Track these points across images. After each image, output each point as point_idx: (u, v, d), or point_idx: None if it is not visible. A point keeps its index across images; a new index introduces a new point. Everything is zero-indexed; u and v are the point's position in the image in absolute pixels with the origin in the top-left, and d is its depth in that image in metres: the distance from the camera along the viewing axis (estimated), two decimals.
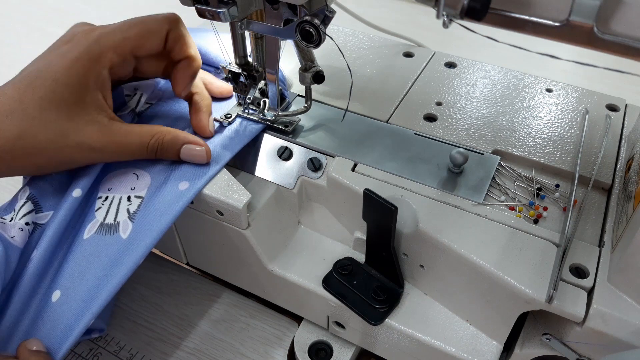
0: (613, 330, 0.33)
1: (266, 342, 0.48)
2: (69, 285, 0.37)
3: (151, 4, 0.94)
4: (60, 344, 0.35)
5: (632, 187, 0.37)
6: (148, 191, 0.41)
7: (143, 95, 0.46)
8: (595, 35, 0.27)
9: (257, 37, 0.44)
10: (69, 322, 0.36)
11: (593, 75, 0.73)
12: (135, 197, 0.41)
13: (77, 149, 0.38)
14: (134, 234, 0.38)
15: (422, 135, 0.45)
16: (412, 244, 0.40)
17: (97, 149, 0.39)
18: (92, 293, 0.36)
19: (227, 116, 0.46)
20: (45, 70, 0.38)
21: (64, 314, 0.36)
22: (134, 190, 0.41)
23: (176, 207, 0.39)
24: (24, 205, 0.40)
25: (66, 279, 0.37)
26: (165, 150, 0.41)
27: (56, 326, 0.36)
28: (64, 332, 0.36)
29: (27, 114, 0.36)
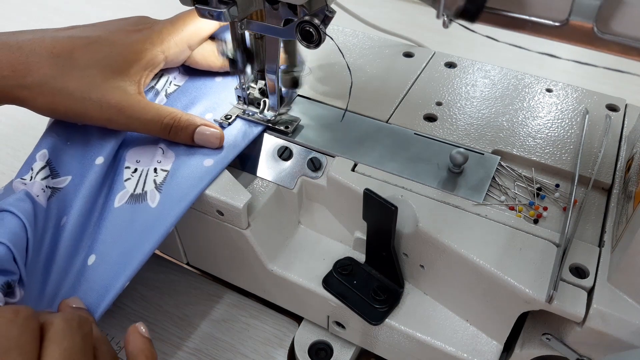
0: (613, 330, 0.33)
1: (266, 342, 0.48)
2: (104, 251, 0.39)
3: (151, 4, 0.94)
4: (98, 304, 0.37)
5: (632, 187, 0.37)
6: (173, 165, 0.43)
7: (170, 77, 0.49)
8: (595, 35, 0.27)
9: (257, 37, 0.44)
10: (105, 284, 0.38)
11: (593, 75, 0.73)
12: (162, 170, 0.43)
13: (97, 105, 0.41)
14: (161, 204, 0.40)
15: (422, 135, 0.45)
16: (412, 244, 0.40)
17: (114, 111, 0.41)
18: (125, 258, 0.38)
19: (227, 117, 0.46)
20: (106, 38, 0.43)
21: (100, 277, 0.38)
22: (160, 163, 0.43)
23: (202, 183, 0.41)
24: (41, 170, 0.41)
25: (100, 244, 0.39)
26: (181, 129, 0.42)
27: (93, 288, 0.38)
28: (100, 293, 0.37)
29: (73, 64, 0.40)
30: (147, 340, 0.34)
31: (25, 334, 0.28)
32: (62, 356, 0.28)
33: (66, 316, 0.30)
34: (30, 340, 0.28)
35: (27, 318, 0.29)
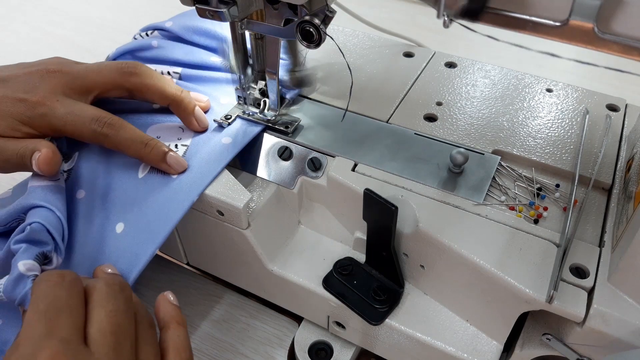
0: (613, 330, 0.33)
1: (266, 342, 0.48)
2: (131, 219, 0.40)
3: (151, 4, 0.94)
4: (130, 270, 0.38)
5: (632, 187, 0.37)
6: (192, 141, 0.44)
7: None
8: (596, 35, 0.27)
9: (257, 37, 0.44)
10: (135, 251, 0.38)
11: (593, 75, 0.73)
12: (182, 145, 0.44)
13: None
14: (184, 175, 0.42)
15: (422, 135, 0.45)
16: (412, 244, 0.40)
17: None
18: (153, 226, 0.39)
19: (227, 117, 0.46)
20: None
21: (129, 244, 0.39)
22: (180, 140, 0.44)
23: (224, 158, 0.43)
24: None
25: (127, 213, 0.40)
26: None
27: (124, 255, 0.39)
28: (131, 260, 0.38)
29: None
30: (177, 307, 0.35)
31: (72, 296, 0.29)
32: (108, 317, 0.29)
33: (108, 281, 0.32)
34: (77, 302, 0.30)
35: (72, 281, 0.30)
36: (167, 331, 0.33)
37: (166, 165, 0.41)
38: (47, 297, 0.29)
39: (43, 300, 0.29)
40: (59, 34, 0.88)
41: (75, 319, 0.29)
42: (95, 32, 0.89)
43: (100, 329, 0.29)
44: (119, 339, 0.29)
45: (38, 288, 0.30)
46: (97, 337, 0.29)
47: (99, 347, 0.28)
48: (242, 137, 0.45)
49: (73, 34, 0.88)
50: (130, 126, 0.41)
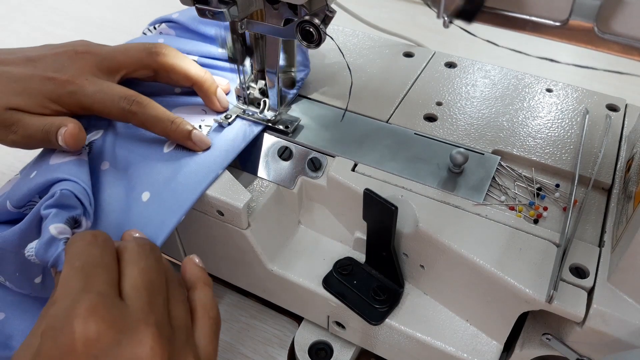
0: (613, 330, 0.33)
1: (266, 342, 0.48)
2: (157, 189, 0.41)
3: (151, 4, 0.94)
4: (156, 237, 0.39)
5: (632, 187, 0.37)
6: (214, 123, 0.46)
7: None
8: (595, 35, 0.27)
9: (257, 37, 0.44)
10: (161, 218, 0.40)
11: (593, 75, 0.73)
12: (205, 126, 0.46)
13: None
14: (209, 151, 0.44)
15: (422, 135, 0.45)
16: (412, 244, 0.40)
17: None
18: (178, 195, 0.41)
19: (227, 117, 0.46)
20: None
21: (155, 212, 0.40)
22: (203, 121, 0.46)
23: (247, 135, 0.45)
24: None
25: (153, 184, 0.42)
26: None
27: (150, 222, 0.40)
28: (157, 226, 0.39)
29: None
30: (203, 269, 0.36)
31: (106, 254, 0.31)
32: (141, 275, 0.30)
33: (138, 241, 0.33)
34: (111, 260, 0.31)
35: (105, 240, 0.32)
36: (194, 291, 0.34)
37: (191, 143, 0.42)
38: (82, 254, 0.30)
39: (79, 258, 0.30)
40: (59, 34, 0.88)
41: (110, 274, 0.30)
42: (95, 32, 0.89)
43: (134, 285, 0.30)
44: (152, 294, 0.30)
45: (73, 247, 0.31)
46: (131, 292, 0.29)
47: (134, 301, 0.29)
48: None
49: (73, 34, 0.88)
50: (157, 105, 0.42)
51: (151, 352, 0.27)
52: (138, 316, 0.28)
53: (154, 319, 0.28)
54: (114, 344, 0.27)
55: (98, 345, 0.26)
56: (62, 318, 0.27)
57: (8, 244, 0.39)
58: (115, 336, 0.27)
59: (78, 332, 0.26)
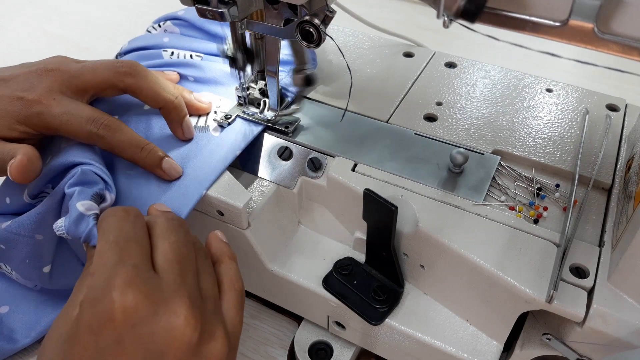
0: (613, 330, 0.33)
1: (266, 342, 0.48)
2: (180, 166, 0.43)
3: (151, 4, 0.94)
4: (180, 210, 0.40)
5: (632, 187, 0.37)
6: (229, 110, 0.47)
7: None
8: (596, 35, 0.27)
9: (257, 37, 0.44)
10: (184, 192, 0.41)
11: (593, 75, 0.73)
12: (221, 112, 0.47)
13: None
14: (225, 134, 0.45)
15: (422, 135, 0.45)
16: (412, 244, 0.40)
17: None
18: (200, 172, 0.42)
19: (227, 117, 0.46)
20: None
21: (178, 187, 0.42)
22: (218, 107, 0.48)
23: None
24: None
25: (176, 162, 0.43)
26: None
27: (173, 196, 0.41)
28: (180, 201, 0.41)
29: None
30: (227, 244, 0.37)
31: (138, 229, 0.32)
32: (172, 248, 0.32)
33: (167, 216, 0.34)
34: (143, 234, 0.32)
35: (137, 215, 0.33)
36: (220, 265, 0.35)
37: (161, 171, 0.42)
38: (115, 229, 0.31)
39: (112, 232, 0.31)
40: (59, 34, 0.88)
41: (143, 248, 0.31)
42: (95, 32, 0.89)
43: (166, 258, 0.31)
44: (183, 267, 0.31)
45: (106, 222, 0.32)
46: (164, 264, 0.30)
47: (166, 273, 0.30)
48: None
49: (73, 34, 0.88)
50: (127, 128, 0.41)
51: (185, 322, 0.28)
52: (171, 288, 0.29)
53: (186, 290, 0.30)
54: (150, 314, 0.28)
55: (136, 314, 0.28)
56: (100, 289, 0.28)
57: (22, 228, 0.40)
58: (152, 307, 0.28)
59: (117, 302, 0.27)
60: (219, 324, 0.31)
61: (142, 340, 0.28)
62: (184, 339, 0.28)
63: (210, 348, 0.30)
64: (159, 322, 0.28)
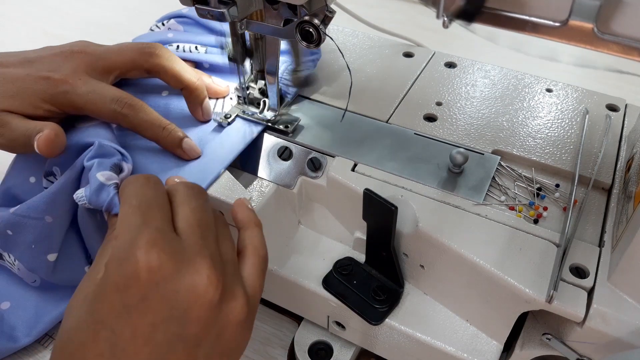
0: (613, 330, 0.33)
1: (266, 342, 0.48)
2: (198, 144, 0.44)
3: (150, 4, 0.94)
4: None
5: (632, 187, 0.37)
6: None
7: None
8: (595, 35, 0.27)
9: (257, 37, 0.44)
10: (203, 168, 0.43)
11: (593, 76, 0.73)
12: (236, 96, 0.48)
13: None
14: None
15: (422, 135, 0.45)
16: (412, 244, 0.40)
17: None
18: (218, 152, 0.44)
19: (227, 117, 0.46)
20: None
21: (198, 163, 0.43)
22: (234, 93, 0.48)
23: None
24: None
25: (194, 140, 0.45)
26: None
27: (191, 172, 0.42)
28: (199, 176, 0.42)
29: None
30: (253, 211, 0.38)
31: (159, 195, 0.33)
32: (193, 212, 0.32)
33: (186, 184, 0.35)
34: (164, 200, 0.33)
35: (157, 182, 0.34)
36: (245, 231, 0.36)
37: (181, 151, 0.43)
38: (138, 194, 0.32)
39: (135, 197, 0.32)
40: (59, 34, 0.88)
41: (165, 213, 0.32)
42: (96, 32, 0.89)
43: (187, 222, 0.32)
44: (204, 230, 0.32)
45: (128, 188, 0.33)
46: (186, 228, 0.31)
47: (188, 236, 0.31)
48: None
49: (73, 34, 0.88)
50: (149, 109, 0.43)
51: (207, 280, 0.29)
52: (193, 249, 0.30)
53: (208, 251, 0.31)
54: (173, 272, 0.29)
55: (160, 273, 0.28)
56: (125, 250, 0.29)
57: (33, 209, 0.41)
58: (175, 266, 0.29)
59: (141, 261, 0.28)
60: (239, 286, 0.32)
61: (166, 298, 0.29)
62: (207, 297, 0.29)
63: (230, 308, 0.30)
64: (182, 281, 0.29)
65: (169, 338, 0.29)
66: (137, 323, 0.28)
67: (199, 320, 0.29)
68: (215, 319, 0.30)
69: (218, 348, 0.31)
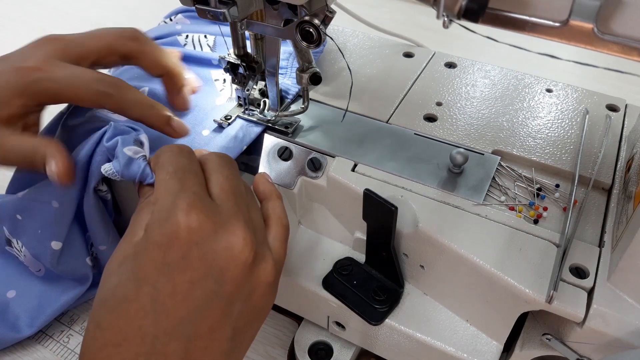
0: (613, 330, 0.33)
1: (266, 342, 0.48)
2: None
3: (150, 4, 0.94)
4: None
5: (632, 187, 0.37)
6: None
7: None
8: (595, 35, 0.27)
9: (257, 38, 0.44)
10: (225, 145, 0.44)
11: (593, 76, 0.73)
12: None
13: None
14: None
15: (422, 135, 0.45)
16: (412, 244, 0.40)
17: None
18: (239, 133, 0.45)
19: (227, 117, 0.46)
20: None
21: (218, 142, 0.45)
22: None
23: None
24: None
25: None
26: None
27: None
28: None
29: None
30: (273, 184, 0.39)
31: (193, 163, 0.34)
32: (226, 180, 0.34)
33: (218, 154, 0.36)
34: (198, 167, 0.34)
35: (190, 152, 0.35)
36: (268, 202, 0.37)
37: (170, 129, 0.42)
38: (173, 162, 0.33)
39: (171, 165, 0.33)
40: None
41: (200, 179, 0.33)
42: None
43: (222, 188, 0.33)
44: (237, 197, 0.33)
45: (163, 157, 0.34)
46: (220, 194, 0.33)
47: (223, 202, 0.32)
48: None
49: None
50: (134, 88, 0.41)
51: (243, 242, 0.31)
52: (229, 213, 0.32)
53: (242, 216, 0.32)
54: (211, 233, 0.30)
55: (199, 233, 0.30)
56: (166, 212, 0.30)
57: (40, 193, 0.42)
58: (213, 227, 0.30)
59: (182, 222, 0.30)
60: (268, 250, 0.33)
61: (205, 257, 0.30)
62: (242, 257, 0.31)
63: (261, 269, 0.32)
64: (219, 242, 0.30)
65: (206, 295, 0.30)
66: (177, 280, 0.29)
67: (234, 279, 0.30)
68: (248, 279, 0.31)
69: (249, 306, 0.32)
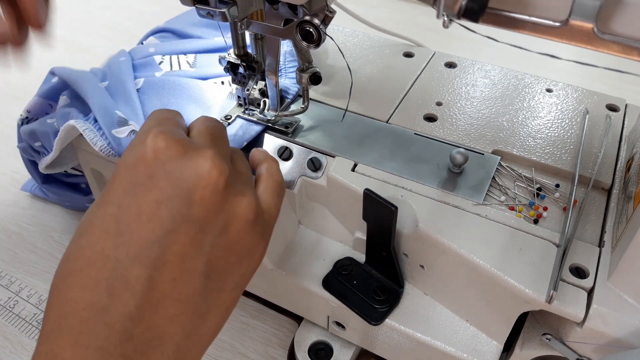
0: (613, 330, 0.33)
1: (266, 342, 0.48)
2: None
3: (151, 4, 0.94)
4: None
5: (632, 187, 0.37)
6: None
7: None
8: (595, 35, 0.27)
9: (257, 37, 0.44)
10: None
11: (593, 75, 0.73)
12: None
13: None
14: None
15: (422, 135, 0.45)
16: (412, 244, 0.40)
17: None
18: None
19: (227, 117, 0.46)
20: None
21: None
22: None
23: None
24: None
25: None
26: None
27: None
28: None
29: None
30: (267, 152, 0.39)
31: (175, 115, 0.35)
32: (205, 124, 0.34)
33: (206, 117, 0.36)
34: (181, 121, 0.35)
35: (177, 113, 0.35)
36: (261, 164, 0.37)
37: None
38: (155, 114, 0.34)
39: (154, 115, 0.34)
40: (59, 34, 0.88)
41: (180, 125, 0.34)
42: (95, 32, 0.90)
43: (199, 131, 0.34)
44: (214, 138, 0.33)
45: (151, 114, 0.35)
46: (197, 135, 0.33)
47: (198, 139, 0.33)
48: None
49: (73, 34, 0.88)
50: None
51: (212, 164, 0.30)
52: (201, 144, 0.32)
53: (215, 148, 0.32)
54: (179, 155, 0.30)
55: (166, 153, 0.30)
56: (138, 139, 0.31)
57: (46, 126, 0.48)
58: (182, 149, 0.30)
59: (149, 145, 0.30)
60: (250, 190, 0.32)
61: (172, 177, 0.30)
62: (210, 179, 0.30)
63: (238, 201, 0.31)
64: (187, 162, 0.30)
65: (173, 216, 0.29)
66: (142, 200, 0.29)
67: (202, 202, 0.30)
68: (220, 207, 0.30)
69: (224, 241, 0.31)
